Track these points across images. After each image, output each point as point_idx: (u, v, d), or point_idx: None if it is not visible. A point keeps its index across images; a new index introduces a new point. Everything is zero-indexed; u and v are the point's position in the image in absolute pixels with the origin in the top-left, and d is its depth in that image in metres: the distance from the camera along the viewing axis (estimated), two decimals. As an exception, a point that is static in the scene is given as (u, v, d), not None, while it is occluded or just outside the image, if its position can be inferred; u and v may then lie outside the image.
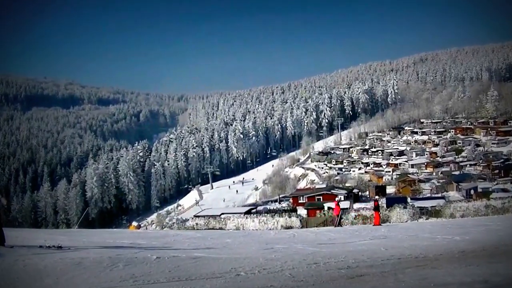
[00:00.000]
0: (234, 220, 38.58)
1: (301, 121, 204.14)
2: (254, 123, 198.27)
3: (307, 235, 22.15)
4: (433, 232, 19.96)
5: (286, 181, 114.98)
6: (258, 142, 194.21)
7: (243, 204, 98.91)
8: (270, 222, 36.60)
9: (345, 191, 70.71)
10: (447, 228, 22.48)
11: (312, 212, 51.88)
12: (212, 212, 52.08)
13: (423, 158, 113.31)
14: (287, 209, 57.82)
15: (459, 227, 22.98)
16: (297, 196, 76.23)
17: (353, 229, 25.74)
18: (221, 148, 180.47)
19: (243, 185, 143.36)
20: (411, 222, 32.73)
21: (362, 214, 37.17)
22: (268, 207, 68.48)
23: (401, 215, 34.12)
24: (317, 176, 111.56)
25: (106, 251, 12.66)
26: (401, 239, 18.11)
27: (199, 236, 22.10)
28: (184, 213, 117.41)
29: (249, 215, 42.62)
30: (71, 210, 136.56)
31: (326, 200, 63.29)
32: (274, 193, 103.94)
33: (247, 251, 14.26)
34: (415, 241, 16.56)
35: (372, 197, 72.65)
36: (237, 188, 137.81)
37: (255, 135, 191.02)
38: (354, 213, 37.79)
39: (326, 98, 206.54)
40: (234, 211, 50.57)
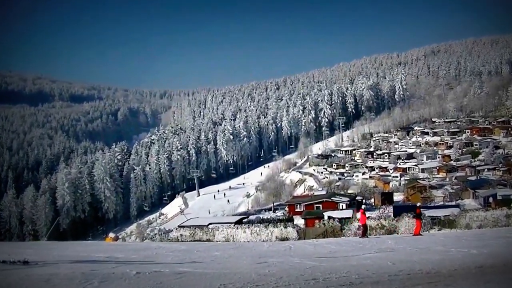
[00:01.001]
0: (223, 230, 38.46)
1: (298, 121, 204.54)
2: (245, 122, 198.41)
3: (305, 247, 22.15)
4: (447, 245, 20.02)
5: (282, 187, 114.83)
6: (250, 144, 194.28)
7: (233, 213, 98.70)
8: (263, 233, 36.50)
9: (347, 199, 70.73)
10: (462, 240, 22.56)
11: (311, 221, 51.93)
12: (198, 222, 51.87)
13: (435, 162, 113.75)
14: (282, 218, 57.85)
15: (476, 239, 23.05)
16: (293, 204, 76.14)
17: (357, 241, 25.78)
18: (208, 150, 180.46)
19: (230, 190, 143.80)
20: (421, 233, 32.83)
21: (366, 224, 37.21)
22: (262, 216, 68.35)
23: (411, 225, 34.17)
24: (316, 181, 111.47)
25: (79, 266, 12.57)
26: (410, 252, 18.15)
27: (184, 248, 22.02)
28: (167, 223, 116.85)
29: (240, 225, 42.54)
30: (39, 220, 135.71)
31: (326, 208, 63.36)
32: (268, 201, 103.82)
33: (238, 266, 14.23)
34: (427, 255, 16.60)
35: (377, 205, 72.76)
36: (223, 195, 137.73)
37: (246, 136, 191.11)
38: (357, 223, 37.80)
39: (326, 95, 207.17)
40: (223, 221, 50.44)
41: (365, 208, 33.86)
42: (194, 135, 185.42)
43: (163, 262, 15.14)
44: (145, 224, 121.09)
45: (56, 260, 13.78)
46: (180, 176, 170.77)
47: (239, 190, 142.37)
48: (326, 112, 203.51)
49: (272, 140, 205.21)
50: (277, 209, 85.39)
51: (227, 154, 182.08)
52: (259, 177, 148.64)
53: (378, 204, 73.15)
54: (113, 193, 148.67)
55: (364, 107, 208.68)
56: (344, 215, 50.18)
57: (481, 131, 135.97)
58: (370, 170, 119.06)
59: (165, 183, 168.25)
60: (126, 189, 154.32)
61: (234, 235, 37.42)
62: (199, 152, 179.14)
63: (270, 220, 53.16)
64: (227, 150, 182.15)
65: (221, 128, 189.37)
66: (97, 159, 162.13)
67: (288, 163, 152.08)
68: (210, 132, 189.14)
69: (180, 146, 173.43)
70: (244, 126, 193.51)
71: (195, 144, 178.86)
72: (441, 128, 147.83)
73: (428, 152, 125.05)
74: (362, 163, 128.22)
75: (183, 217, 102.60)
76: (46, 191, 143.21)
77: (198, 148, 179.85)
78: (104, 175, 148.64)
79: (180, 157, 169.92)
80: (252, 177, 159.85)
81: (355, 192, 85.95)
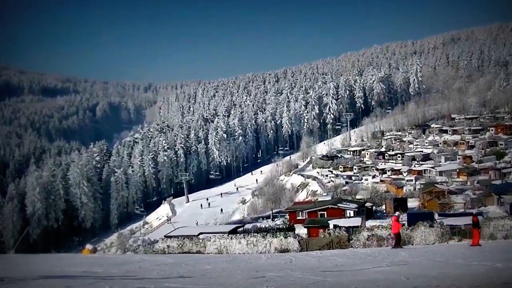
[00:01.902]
0: (215, 241, 38.48)
1: (300, 117, 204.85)
2: (240, 119, 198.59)
3: (308, 260, 22.15)
4: (468, 258, 20.04)
5: (281, 192, 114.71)
6: (246, 144, 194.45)
7: (226, 221, 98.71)
8: (261, 243, 36.50)
9: (355, 205, 70.69)
10: (485, 253, 22.57)
11: (314, 231, 51.96)
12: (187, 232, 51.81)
13: (455, 164, 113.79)
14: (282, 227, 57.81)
15: (501, 251, 23.07)
16: (295, 211, 76.11)
17: (366, 253, 25.78)
18: (199, 150, 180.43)
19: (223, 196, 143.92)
20: (439, 244, 32.86)
21: (377, 234, 37.18)
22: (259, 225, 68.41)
23: (427, 235, 34.22)
24: (320, 186, 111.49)
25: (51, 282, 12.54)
26: (426, 265, 18.16)
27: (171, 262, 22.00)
28: (152, 233, 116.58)
29: (235, 235, 42.52)
30: (6, 230, 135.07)
31: (332, 216, 63.30)
32: (266, 208, 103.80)
33: (232, 281, 14.22)
34: (445, 269, 16.61)
35: (389, 212, 72.79)
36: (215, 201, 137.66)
37: (242, 134, 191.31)
38: (367, 233, 37.81)
39: (331, 88, 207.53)
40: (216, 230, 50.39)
41: (399, 215, 33.90)
42: (182, 133, 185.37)
43: (147, 277, 15.12)
44: (127, 234, 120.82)
45: (25, 276, 13.73)
46: (167, 180, 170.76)
47: (234, 196, 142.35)
48: (332, 108, 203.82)
49: (270, 139, 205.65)
50: (276, 217, 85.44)
51: (220, 154, 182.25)
52: (256, 181, 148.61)
53: (390, 211, 73.11)
54: (91, 199, 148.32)
55: (374, 101, 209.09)
56: (351, 224, 50.18)
57: (507, 129, 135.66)
58: (381, 173, 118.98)
59: (150, 188, 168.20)
60: (106, 194, 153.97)
61: (228, 246, 37.41)
62: (188, 153, 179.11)
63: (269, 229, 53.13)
64: (220, 150, 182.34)
65: (213, 126, 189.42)
66: (72, 161, 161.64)
67: (289, 165, 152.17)
68: (201, 130, 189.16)
69: (167, 146, 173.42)
70: (239, 123, 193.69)
71: (184, 144, 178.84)
72: (462, 125, 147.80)
73: (446, 152, 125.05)
74: (372, 165, 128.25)
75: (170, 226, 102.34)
76: (14, 197, 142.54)
77: (187, 148, 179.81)
78: (81, 179, 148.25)
79: (167, 158, 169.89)
80: (248, 181, 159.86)
81: (364, 198, 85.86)
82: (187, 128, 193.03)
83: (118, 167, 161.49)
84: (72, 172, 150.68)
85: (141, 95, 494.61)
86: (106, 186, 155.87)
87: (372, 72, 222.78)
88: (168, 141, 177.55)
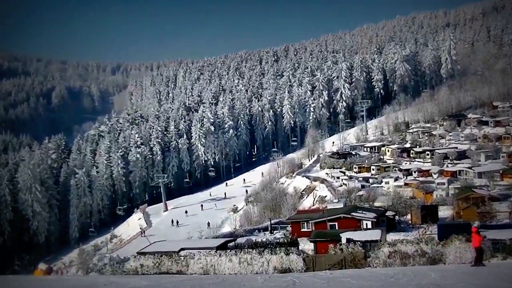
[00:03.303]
0: (200, 259, 38.50)
1: (305, 105, 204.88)
2: (231, 108, 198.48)
3: (315, 282, 22.20)
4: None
5: (282, 198, 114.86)
6: (238, 138, 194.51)
7: (214, 234, 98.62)
8: (257, 262, 36.54)
9: (373, 214, 70.49)
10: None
11: (323, 246, 51.78)
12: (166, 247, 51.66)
13: (497, 164, 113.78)
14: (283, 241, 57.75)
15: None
16: (298, 221, 75.95)
17: (387, 273, 25.85)
18: (180, 147, 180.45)
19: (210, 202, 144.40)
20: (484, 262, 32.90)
21: (401, 250, 37.24)
22: (254, 239, 68.32)
23: (463, 252, 34.27)
24: (330, 190, 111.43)
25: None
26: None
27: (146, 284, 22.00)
28: (122, 249, 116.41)
29: (224, 251, 42.51)
30: None
31: (345, 227, 63.06)
32: (263, 217, 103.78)
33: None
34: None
35: (415, 223, 72.84)
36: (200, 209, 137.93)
37: (233, 126, 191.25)
38: (388, 248, 37.88)
39: (344, 69, 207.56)
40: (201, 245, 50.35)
41: (478, 225, 33.93)
42: (159, 125, 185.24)
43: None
44: (91, 251, 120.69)
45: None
46: (140, 183, 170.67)
47: (223, 202, 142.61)
48: (344, 94, 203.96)
49: (268, 133, 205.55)
50: (275, 229, 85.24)
51: (206, 151, 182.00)
52: (250, 184, 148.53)
53: (417, 222, 73.19)
54: (45, 207, 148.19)
55: (397, 86, 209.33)
56: (369, 237, 50.00)
57: None
58: (405, 174, 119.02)
59: (119, 193, 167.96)
60: (64, 201, 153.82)
61: (216, 265, 37.43)
62: (167, 149, 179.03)
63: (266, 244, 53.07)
64: (206, 146, 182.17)
65: (197, 116, 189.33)
66: (22, 159, 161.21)
67: (291, 165, 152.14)
68: (182, 121, 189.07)
69: (140, 141, 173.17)
70: (230, 113, 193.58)
71: (162, 138, 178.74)
72: (506, 115, 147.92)
73: (487, 149, 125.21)
74: (395, 164, 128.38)
75: (145, 240, 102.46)
76: None
77: (166, 144, 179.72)
78: (33, 182, 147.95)
79: (140, 156, 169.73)
80: (240, 184, 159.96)
81: (385, 205, 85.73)
82: (165, 119, 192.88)
83: (80, 167, 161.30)
84: (22, 173, 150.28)
85: (107, 78, 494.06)
86: (65, 191, 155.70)
87: (394, 50, 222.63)
88: (142, 134, 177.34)
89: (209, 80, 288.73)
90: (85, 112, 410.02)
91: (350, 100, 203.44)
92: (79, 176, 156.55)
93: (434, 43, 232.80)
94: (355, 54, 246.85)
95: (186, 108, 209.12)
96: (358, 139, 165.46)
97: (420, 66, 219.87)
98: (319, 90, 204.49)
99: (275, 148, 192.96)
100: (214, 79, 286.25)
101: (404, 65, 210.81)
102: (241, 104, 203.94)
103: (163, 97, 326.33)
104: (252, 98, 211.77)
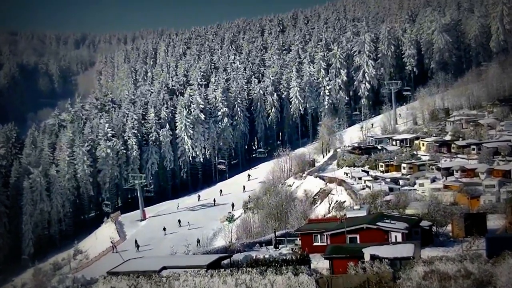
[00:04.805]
0: (187, 280, 38.56)
1: (317, 88, 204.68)
2: (226, 90, 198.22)
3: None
4: None
5: (290, 204, 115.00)
6: (235, 128, 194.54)
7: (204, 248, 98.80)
8: (258, 284, 36.61)
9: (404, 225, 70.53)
10: None
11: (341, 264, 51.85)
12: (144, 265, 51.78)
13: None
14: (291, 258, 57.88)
15: None
16: (310, 233, 76.19)
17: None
18: (162, 139, 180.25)
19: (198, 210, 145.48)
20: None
21: (440, 269, 37.31)
22: (255, 255, 68.44)
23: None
24: (350, 194, 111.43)
25: None
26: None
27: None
28: (88, 268, 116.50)
29: (217, 270, 42.57)
30: None
31: (368, 241, 63.10)
32: (265, 228, 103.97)
33: None
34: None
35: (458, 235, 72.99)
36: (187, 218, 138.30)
37: (228, 114, 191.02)
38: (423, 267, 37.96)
39: (367, 43, 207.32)
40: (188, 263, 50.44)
41: None
42: (136, 112, 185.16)
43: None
44: (49, 270, 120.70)
45: None
46: (111, 185, 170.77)
47: (215, 210, 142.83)
48: (368, 73, 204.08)
49: (272, 122, 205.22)
50: (281, 243, 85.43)
51: (194, 145, 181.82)
52: (250, 186, 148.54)
53: (460, 234, 73.25)
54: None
55: (434, 63, 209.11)
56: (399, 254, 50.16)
57: None
58: (445, 174, 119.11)
59: (84, 198, 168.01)
60: (15, 208, 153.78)
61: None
62: (144, 143, 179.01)
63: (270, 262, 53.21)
64: (195, 139, 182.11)
65: (183, 101, 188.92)
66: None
67: (301, 162, 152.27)
68: (165, 108, 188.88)
69: (112, 132, 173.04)
70: (224, 97, 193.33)
71: (138, 129, 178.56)
72: None
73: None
74: (431, 161, 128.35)
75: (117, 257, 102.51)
76: None
77: (144, 136, 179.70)
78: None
79: (112, 151, 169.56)
80: (237, 186, 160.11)
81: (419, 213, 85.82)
82: (143, 105, 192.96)
83: (35, 166, 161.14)
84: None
85: (70, 52, 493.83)
86: (16, 195, 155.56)
87: (431, 17, 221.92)
88: (114, 124, 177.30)
89: (198, 56, 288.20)
90: (42, 96, 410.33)
91: (375, 80, 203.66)
92: (34, 176, 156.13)
93: (482, 9, 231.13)
94: (381, 22, 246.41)
95: (169, 91, 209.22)
96: (385, 130, 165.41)
97: (464, 38, 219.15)
98: (335, 68, 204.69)
99: (280, 141, 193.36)
100: (204, 54, 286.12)
101: (444, 37, 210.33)
102: (238, 86, 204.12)
103: (140, 77, 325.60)
104: (251, 79, 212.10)
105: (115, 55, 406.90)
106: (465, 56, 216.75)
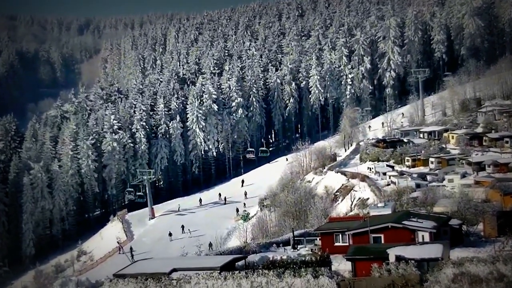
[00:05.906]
0: (199, 283, 38.51)
1: (339, 76, 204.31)
2: (241, 79, 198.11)
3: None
4: None
5: (309, 201, 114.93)
6: (250, 120, 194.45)
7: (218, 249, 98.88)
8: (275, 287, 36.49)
9: (432, 223, 70.39)
10: None
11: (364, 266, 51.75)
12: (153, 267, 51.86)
13: None
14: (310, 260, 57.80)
15: None
16: (331, 233, 76.15)
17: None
18: (172, 132, 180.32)
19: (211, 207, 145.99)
20: None
21: (470, 271, 37.10)
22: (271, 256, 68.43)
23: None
24: (374, 190, 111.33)
25: None
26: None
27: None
28: (93, 270, 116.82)
29: (231, 272, 42.52)
30: None
31: (393, 241, 62.96)
32: (283, 227, 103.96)
33: None
34: None
35: (490, 235, 72.68)
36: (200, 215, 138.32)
37: (243, 105, 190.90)
38: (452, 269, 37.76)
39: (392, 27, 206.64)
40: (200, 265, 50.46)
41: None
42: (144, 103, 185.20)
43: None
44: (51, 272, 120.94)
45: None
46: (117, 182, 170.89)
47: (229, 208, 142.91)
48: (393, 60, 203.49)
49: (290, 113, 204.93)
50: (299, 243, 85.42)
51: (206, 138, 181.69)
52: (266, 182, 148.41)
53: (492, 233, 73.00)
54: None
55: (465, 49, 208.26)
56: (426, 255, 49.97)
57: None
58: (476, 169, 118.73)
59: (89, 195, 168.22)
60: (15, 206, 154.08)
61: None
62: (153, 136, 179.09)
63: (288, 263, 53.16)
64: (207, 131, 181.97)
65: (195, 91, 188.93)
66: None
67: (321, 156, 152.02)
68: (175, 98, 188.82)
69: (118, 125, 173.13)
70: (239, 87, 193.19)
71: (147, 121, 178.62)
72: None
73: None
74: (462, 155, 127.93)
75: (124, 258, 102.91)
76: None
77: (152, 129, 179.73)
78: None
79: (118, 145, 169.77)
80: (252, 182, 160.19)
81: (448, 211, 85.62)
82: (152, 95, 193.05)
83: (36, 160, 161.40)
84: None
85: (73, 39, 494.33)
86: (16, 192, 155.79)
87: (461, 0, 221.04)
88: (120, 116, 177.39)
89: (211, 43, 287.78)
90: (43, 86, 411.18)
91: (401, 68, 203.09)
92: (35, 172, 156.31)
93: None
94: (408, 6, 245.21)
95: (179, 80, 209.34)
96: (411, 122, 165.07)
97: (497, 22, 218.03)
98: (358, 55, 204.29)
99: (299, 134, 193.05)
100: (217, 40, 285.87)
101: (475, 21, 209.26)
102: (254, 74, 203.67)
103: (148, 65, 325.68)
104: (268, 67, 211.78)
105: (122, 41, 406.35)
106: (498, 42, 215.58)
